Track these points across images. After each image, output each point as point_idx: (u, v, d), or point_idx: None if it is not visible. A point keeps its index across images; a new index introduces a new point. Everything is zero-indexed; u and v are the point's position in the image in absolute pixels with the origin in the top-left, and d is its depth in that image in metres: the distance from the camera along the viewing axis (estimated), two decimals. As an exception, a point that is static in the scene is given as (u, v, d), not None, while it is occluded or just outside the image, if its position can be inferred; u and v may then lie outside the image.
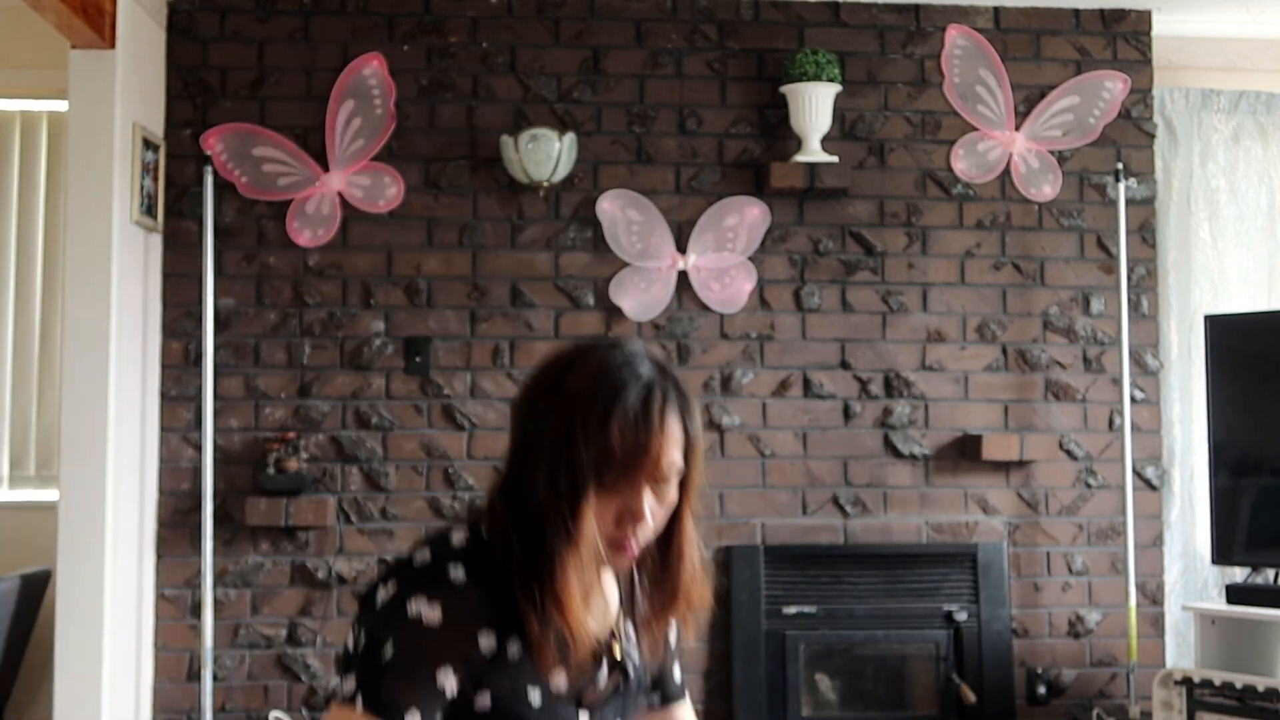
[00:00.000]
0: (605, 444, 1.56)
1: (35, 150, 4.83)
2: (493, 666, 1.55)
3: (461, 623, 1.53)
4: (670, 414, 1.63)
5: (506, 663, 1.56)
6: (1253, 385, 4.36)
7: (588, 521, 1.56)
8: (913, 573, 4.51)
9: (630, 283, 4.49)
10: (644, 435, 1.59)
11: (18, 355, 4.77)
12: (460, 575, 1.55)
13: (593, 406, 1.58)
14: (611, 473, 1.57)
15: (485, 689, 1.55)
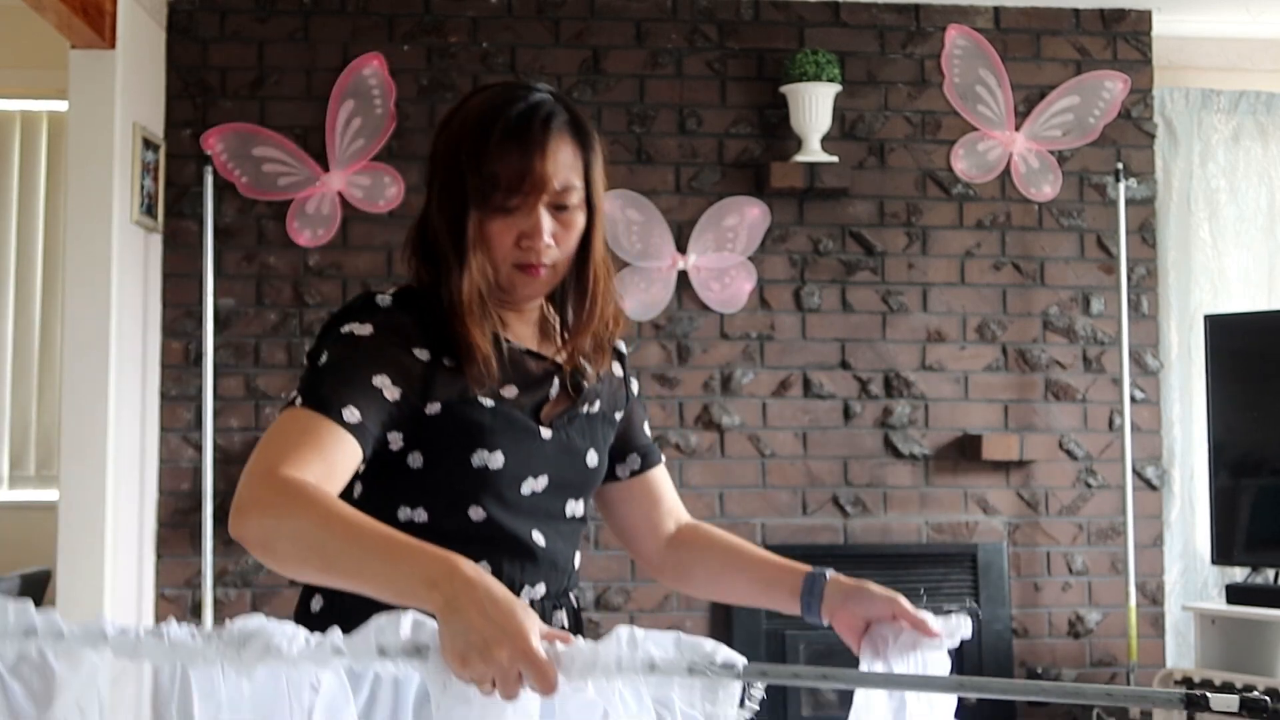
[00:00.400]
0: (488, 163, 1.63)
1: (35, 150, 4.83)
2: (433, 376, 1.63)
3: (392, 334, 1.62)
4: (556, 131, 1.66)
5: (447, 371, 1.64)
6: (1253, 385, 4.36)
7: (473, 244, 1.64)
8: (913, 573, 4.51)
9: (630, 283, 4.49)
10: (525, 151, 1.64)
11: (18, 355, 4.77)
12: (388, 301, 1.66)
13: (476, 129, 1.65)
14: (499, 193, 1.63)
15: (435, 400, 1.63)
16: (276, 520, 1.46)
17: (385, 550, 1.42)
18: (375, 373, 1.60)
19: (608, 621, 4.40)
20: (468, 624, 1.31)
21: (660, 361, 4.51)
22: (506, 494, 1.66)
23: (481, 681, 1.31)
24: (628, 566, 4.43)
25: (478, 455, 1.64)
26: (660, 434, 4.47)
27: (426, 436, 1.64)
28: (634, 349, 4.48)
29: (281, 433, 1.54)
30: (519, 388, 1.70)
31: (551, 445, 1.70)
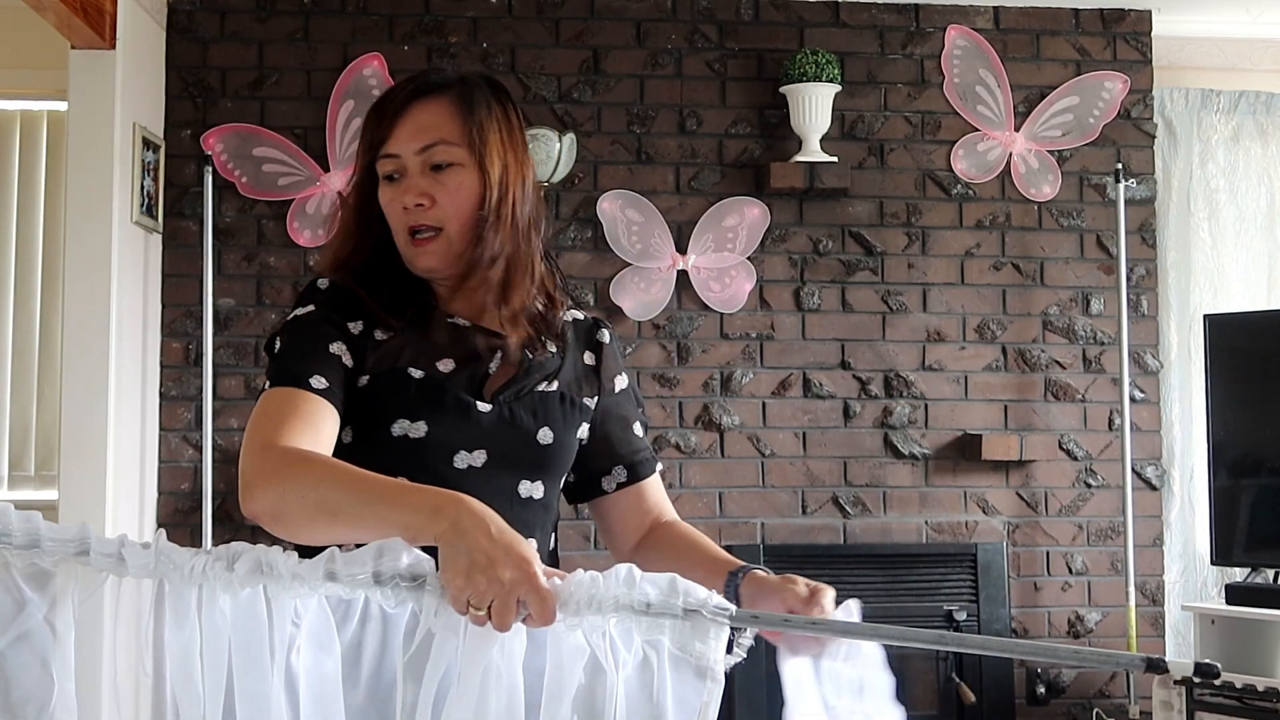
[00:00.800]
0: (365, 127, 1.74)
1: (35, 150, 4.83)
2: (366, 346, 1.67)
3: (332, 310, 1.69)
4: (427, 95, 1.72)
5: (378, 343, 1.68)
6: (1253, 385, 4.36)
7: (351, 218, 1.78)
8: (913, 573, 4.51)
9: (630, 283, 4.49)
10: (385, 112, 1.72)
11: (18, 355, 4.77)
12: (326, 283, 1.72)
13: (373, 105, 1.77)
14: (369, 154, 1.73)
15: (365, 372, 1.67)
16: (282, 487, 1.49)
17: (390, 491, 1.46)
18: (329, 340, 1.66)
19: (608, 621, 4.40)
20: (473, 544, 1.34)
21: (660, 361, 4.51)
22: (436, 467, 1.63)
23: (482, 601, 1.32)
24: (628, 566, 4.42)
25: (398, 424, 1.64)
26: (660, 434, 4.47)
27: (356, 410, 1.66)
28: (634, 349, 4.48)
29: (264, 412, 1.60)
30: (456, 362, 1.69)
31: (490, 419, 1.67)
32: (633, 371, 4.48)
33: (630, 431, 1.85)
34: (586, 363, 1.82)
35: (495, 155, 1.70)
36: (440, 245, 1.69)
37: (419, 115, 1.70)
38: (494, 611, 1.32)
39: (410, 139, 1.69)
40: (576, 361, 1.80)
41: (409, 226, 1.70)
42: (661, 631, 1.37)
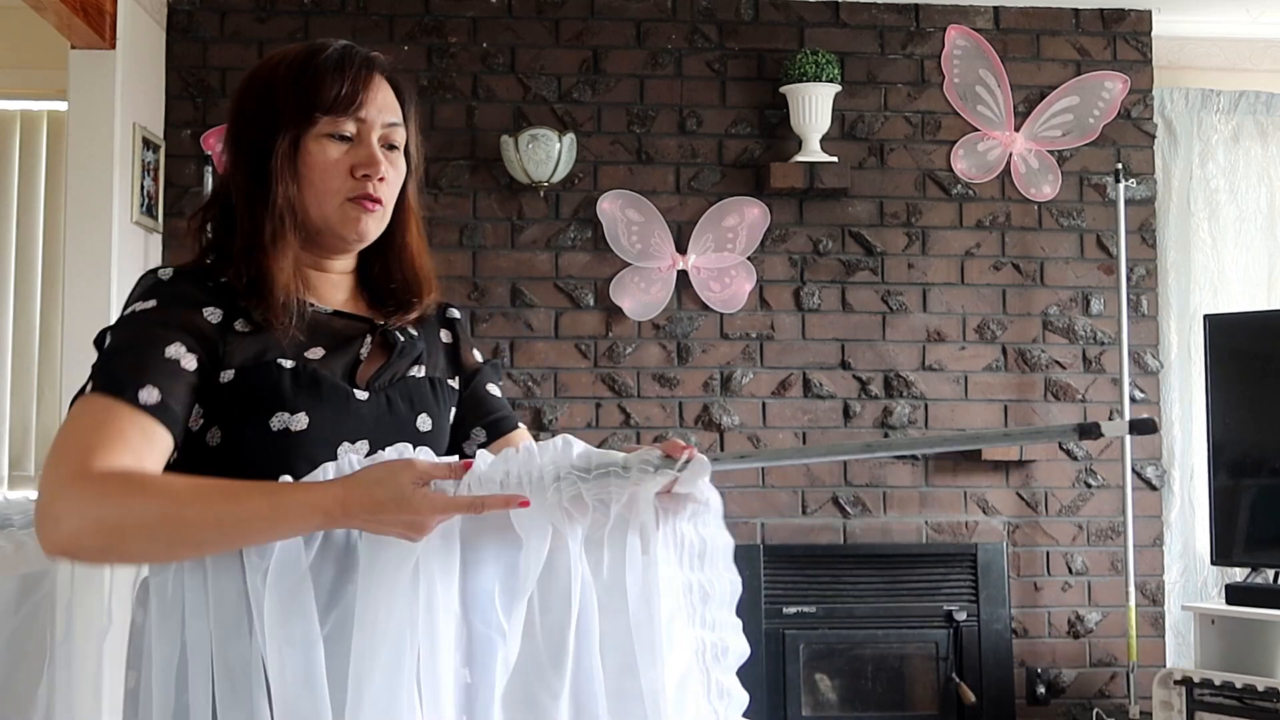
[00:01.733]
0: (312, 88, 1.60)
1: (35, 150, 4.83)
2: (226, 339, 1.55)
3: (177, 301, 1.55)
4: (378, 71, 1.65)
5: (240, 336, 1.56)
6: (1253, 385, 4.36)
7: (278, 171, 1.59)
8: (913, 573, 4.51)
9: (630, 283, 4.49)
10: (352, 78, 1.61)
11: (18, 355, 4.77)
12: (169, 273, 1.59)
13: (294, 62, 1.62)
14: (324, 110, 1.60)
15: (229, 366, 1.54)
16: (118, 514, 1.40)
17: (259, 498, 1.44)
18: (167, 342, 1.52)
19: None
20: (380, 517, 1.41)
21: (660, 361, 4.51)
22: (319, 459, 1.53)
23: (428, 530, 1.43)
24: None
25: (277, 418, 1.54)
26: (660, 434, 4.47)
27: (222, 408, 1.54)
28: (634, 349, 4.49)
29: (77, 428, 1.46)
30: (326, 349, 1.61)
31: (369, 408, 1.61)
32: (633, 371, 4.49)
33: (486, 395, 1.81)
34: (445, 342, 1.78)
35: (416, 151, 1.70)
36: (379, 217, 1.64)
37: (384, 92, 1.65)
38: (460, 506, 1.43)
39: (381, 111, 1.63)
40: (436, 343, 1.76)
41: (362, 193, 1.61)
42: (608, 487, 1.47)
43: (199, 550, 1.44)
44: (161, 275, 1.58)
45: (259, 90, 1.63)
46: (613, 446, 4.69)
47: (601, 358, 4.50)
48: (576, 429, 4.43)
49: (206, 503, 1.42)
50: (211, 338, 1.54)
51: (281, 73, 1.62)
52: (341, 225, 1.62)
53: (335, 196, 1.61)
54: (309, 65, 1.61)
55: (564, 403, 4.46)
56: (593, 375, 4.48)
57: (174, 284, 1.57)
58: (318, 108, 1.59)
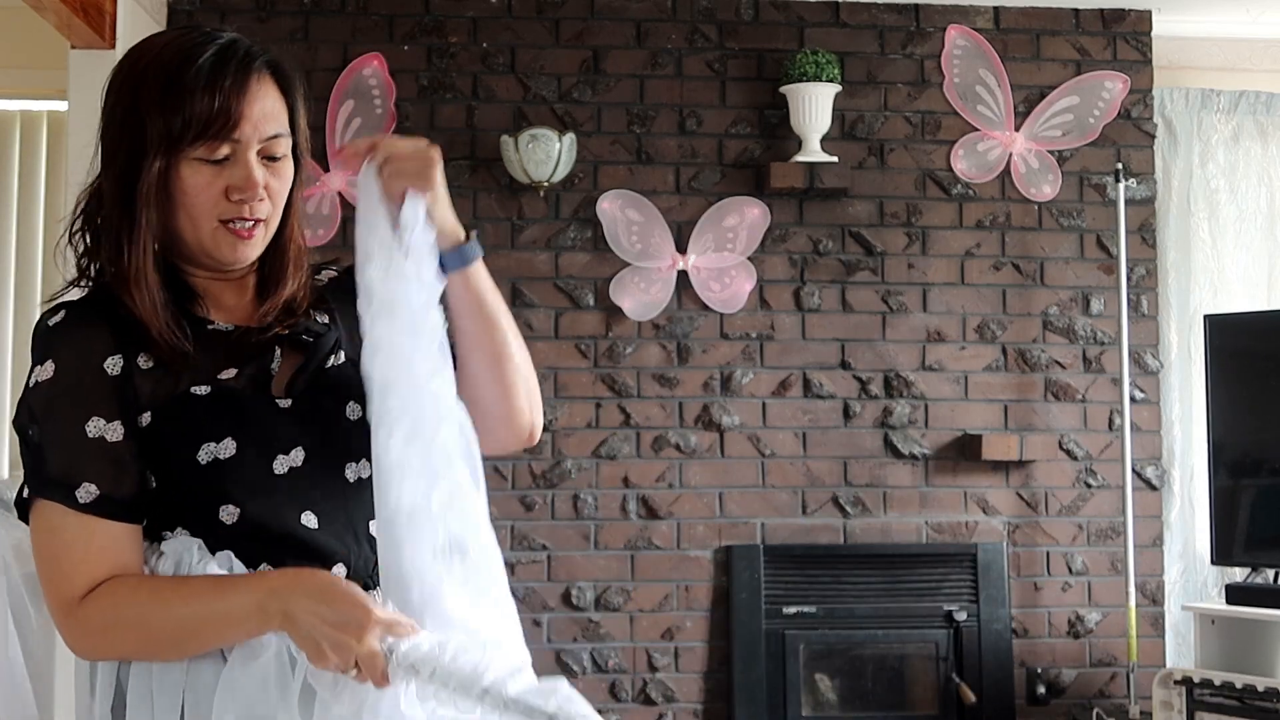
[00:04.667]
0: (180, 105, 1.46)
1: (35, 150, 4.82)
2: (132, 385, 1.46)
3: (73, 360, 1.46)
4: (258, 72, 1.50)
5: (146, 374, 1.47)
6: (1253, 385, 4.36)
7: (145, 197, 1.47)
8: (913, 573, 4.51)
9: (630, 283, 4.49)
10: (226, 91, 1.47)
11: (18, 355, 4.77)
12: (59, 318, 1.49)
13: (161, 72, 1.48)
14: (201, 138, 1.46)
15: (144, 410, 1.46)
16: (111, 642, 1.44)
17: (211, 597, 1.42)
18: (83, 420, 1.44)
19: (607, 621, 4.40)
20: (310, 628, 1.37)
21: (660, 361, 4.51)
22: (255, 481, 1.48)
23: (345, 668, 1.36)
24: (628, 566, 4.43)
25: (204, 450, 1.46)
26: (660, 434, 4.47)
27: (150, 451, 1.46)
28: (634, 349, 4.48)
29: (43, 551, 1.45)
30: (237, 367, 1.51)
31: (294, 415, 1.52)
32: (633, 371, 4.49)
33: None
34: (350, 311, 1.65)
35: (305, 143, 1.58)
36: (260, 236, 1.53)
37: (261, 98, 1.50)
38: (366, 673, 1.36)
39: (258, 124, 1.49)
40: (348, 320, 1.61)
41: (235, 215, 1.49)
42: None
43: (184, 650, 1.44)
44: (51, 323, 1.49)
45: (126, 98, 1.51)
46: (613, 446, 4.69)
47: (601, 358, 4.50)
48: (576, 429, 4.43)
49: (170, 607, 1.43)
50: (120, 390, 1.46)
51: (150, 82, 1.48)
52: (215, 250, 1.52)
53: (208, 220, 1.49)
54: (178, 80, 1.46)
55: (564, 403, 4.46)
56: (593, 375, 4.48)
57: (66, 335, 1.47)
58: (186, 134, 1.46)
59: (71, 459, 1.43)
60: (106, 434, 1.44)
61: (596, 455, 4.45)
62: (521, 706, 1.32)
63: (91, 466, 1.43)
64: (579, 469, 4.43)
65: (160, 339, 1.47)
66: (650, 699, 4.41)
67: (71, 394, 1.45)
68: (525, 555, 4.38)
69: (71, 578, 1.43)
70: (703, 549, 4.48)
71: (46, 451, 1.44)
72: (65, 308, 1.50)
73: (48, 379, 1.46)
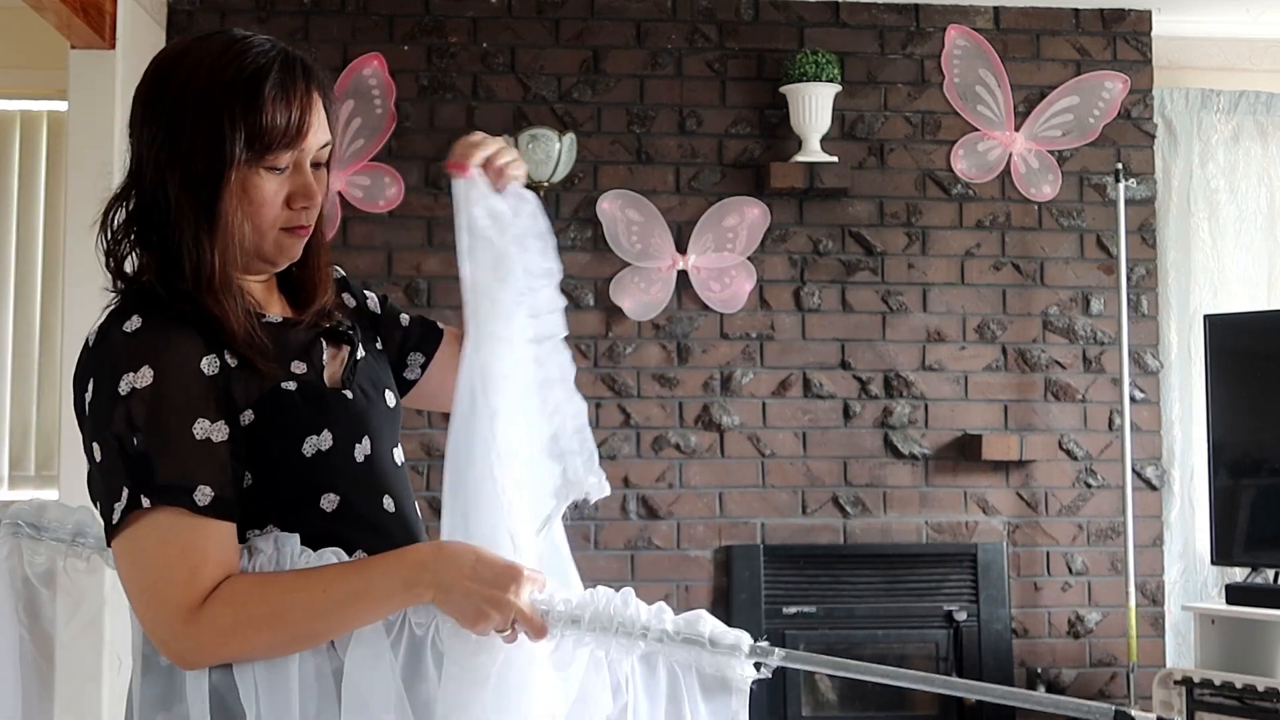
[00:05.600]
0: (259, 118, 1.49)
1: (35, 150, 4.83)
2: (230, 382, 1.48)
3: (172, 363, 1.45)
4: (315, 84, 1.59)
5: (236, 372, 1.49)
6: (1253, 385, 4.36)
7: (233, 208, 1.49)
8: (913, 573, 4.51)
9: (630, 283, 4.49)
10: (298, 101, 1.54)
11: (18, 355, 4.77)
12: (137, 324, 1.47)
13: (237, 83, 1.50)
14: (270, 148, 1.50)
15: (245, 408, 1.48)
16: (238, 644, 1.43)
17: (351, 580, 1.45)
18: (190, 422, 1.44)
19: (608, 621, 4.40)
20: (464, 594, 1.42)
21: (660, 361, 4.51)
22: (344, 470, 1.54)
23: (505, 626, 1.42)
24: (628, 566, 4.43)
25: (308, 443, 1.51)
26: (660, 434, 4.47)
27: (251, 449, 1.48)
28: (634, 349, 4.48)
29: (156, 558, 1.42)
30: (304, 362, 1.57)
31: (357, 405, 1.58)
32: (633, 371, 4.49)
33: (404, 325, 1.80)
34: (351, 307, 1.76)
35: (338, 139, 1.67)
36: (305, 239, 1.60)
37: (318, 109, 1.58)
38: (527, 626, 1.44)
39: (316, 135, 1.57)
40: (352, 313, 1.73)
41: (296, 224, 1.56)
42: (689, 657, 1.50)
43: (318, 639, 1.46)
44: (131, 330, 1.47)
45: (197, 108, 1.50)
46: (613, 446, 4.68)
47: (601, 358, 4.50)
48: (576, 429, 4.43)
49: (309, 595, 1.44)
50: (220, 391, 1.47)
51: (221, 91, 1.49)
52: (275, 254, 1.57)
53: (272, 229, 1.54)
54: (254, 90, 1.50)
55: (564, 403, 4.45)
56: (593, 375, 4.48)
57: (159, 341, 1.46)
58: (270, 145, 1.50)
59: (184, 463, 1.43)
60: (213, 435, 1.45)
61: (596, 455, 4.44)
62: (681, 637, 1.48)
63: (204, 469, 1.43)
64: (579, 469, 4.42)
65: (248, 339, 1.50)
66: (650, 699, 4.40)
67: (176, 398, 1.44)
68: (525, 555, 4.37)
69: (192, 583, 1.41)
70: (703, 549, 4.48)
71: (154, 459, 1.42)
72: (140, 314, 1.48)
73: (147, 385, 1.43)
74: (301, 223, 1.56)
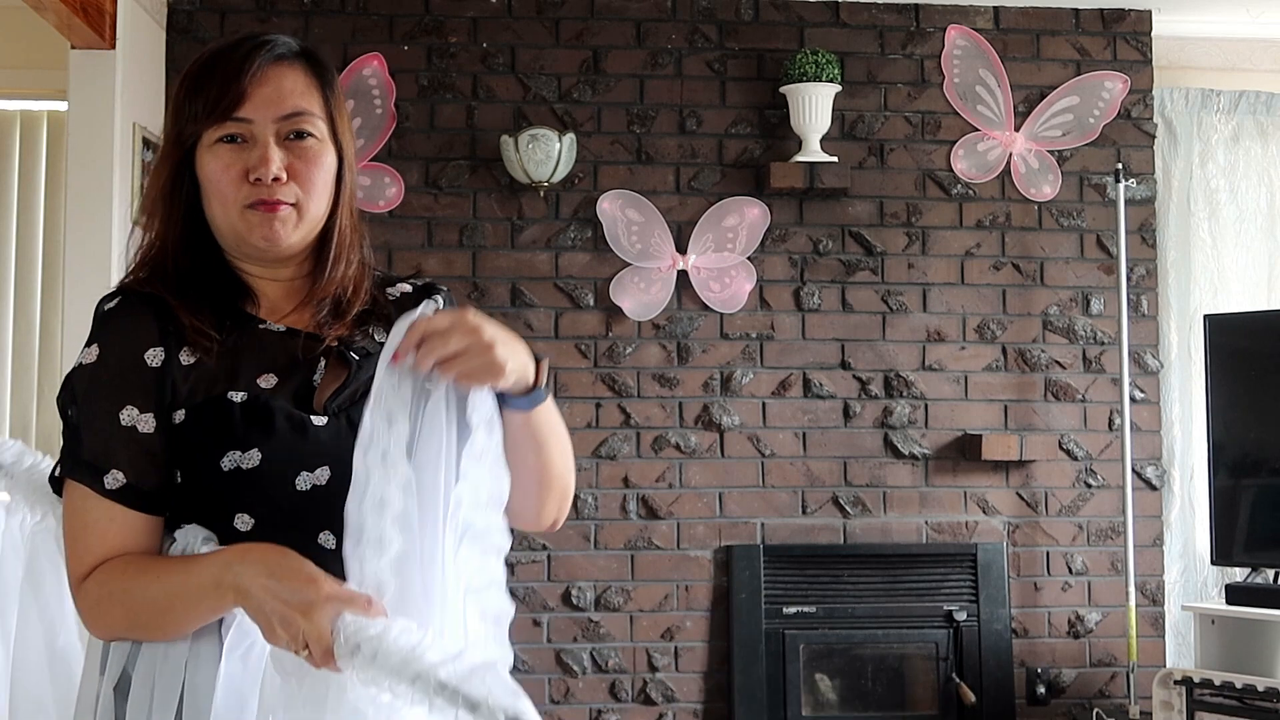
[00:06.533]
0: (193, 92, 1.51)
1: (35, 150, 4.82)
2: (172, 377, 1.47)
3: (118, 347, 1.47)
4: (275, 57, 1.53)
5: (186, 370, 1.48)
6: (1253, 385, 4.36)
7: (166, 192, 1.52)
8: (913, 573, 4.51)
9: (630, 283, 4.49)
10: (231, 69, 1.50)
11: (18, 355, 4.77)
12: (113, 304, 1.50)
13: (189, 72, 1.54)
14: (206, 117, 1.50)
15: (180, 406, 1.47)
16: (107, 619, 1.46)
17: (179, 572, 1.43)
18: (119, 407, 1.46)
19: (608, 621, 4.40)
20: (260, 604, 1.35)
21: (660, 361, 4.51)
22: (274, 494, 1.47)
23: (296, 649, 1.34)
24: (628, 566, 4.43)
25: (228, 458, 1.46)
26: (660, 434, 4.47)
27: (178, 449, 1.47)
28: (634, 349, 4.48)
29: (66, 528, 1.49)
30: (278, 375, 1.51)
31: (329, 433, 1.49)
32: (633, 371, 4.49)
33: None
34: None
35: (347, 131, 1.58)
36: (289, 219, 1.52)
37: (279, 80, 1.52)
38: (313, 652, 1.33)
39: (269, 104, 1.50)
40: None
41: (256, 199, 1.50)
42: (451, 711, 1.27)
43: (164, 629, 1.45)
44: (105, 309, 1.50)
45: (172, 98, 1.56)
46: (613, 446, 4.69)
47: (601, 358, 4.50)
48: (576, 429, 4.43)
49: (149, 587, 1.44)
50: (158, 383, 1.47)
51: (179, 85, 1.54)
52: (248, 233, 1.52)
53: (233, 205, 1.51)
54: (190, 73, 1.53)
55: (564, 403, 4.45)
56: (593, 375, 4.48)
57: (117, 321, 1.49)
58: (198, 118, 1.50)
59: (103, 444, 1.46)
60: (139, 424, 1.46)
61: (596, 455, 4.45)
62: (450, 692, 1.25)
63: (121, 454, 1.46)
64: (579, 469, 4.43)
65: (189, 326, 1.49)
66: (650, 699, 4.41)
67: (110, 381, 1.47)
68: (525, 555, 4.38)
69: (84, 556, 1.46)
70: (703, 549, 4.48)
71: (82, 433, 1.47)
72: (121, 294, 1.52)
73: (91, 362, 1.48)
74: (262, 197, 1.50)
